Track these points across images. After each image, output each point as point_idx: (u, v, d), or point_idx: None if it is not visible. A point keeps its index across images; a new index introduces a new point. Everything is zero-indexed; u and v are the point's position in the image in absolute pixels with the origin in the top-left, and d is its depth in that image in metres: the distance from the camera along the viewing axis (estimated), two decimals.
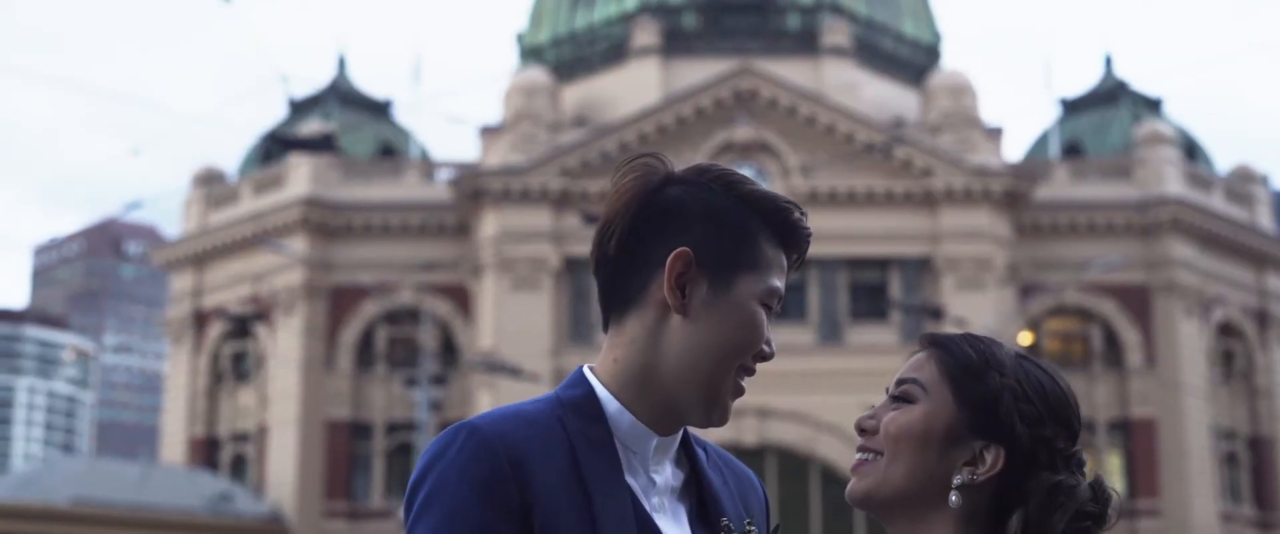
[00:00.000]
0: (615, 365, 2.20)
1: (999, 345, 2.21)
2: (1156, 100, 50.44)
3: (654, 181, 2.20)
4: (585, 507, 2.10)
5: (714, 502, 2.25)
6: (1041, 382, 2.17)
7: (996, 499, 2.13)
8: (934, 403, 2.16)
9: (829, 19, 46.89)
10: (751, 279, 2.18)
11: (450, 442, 2.11)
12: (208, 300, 46.35)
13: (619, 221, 2.19)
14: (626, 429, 2.18)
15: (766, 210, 2.21)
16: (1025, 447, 2.13)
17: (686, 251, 2.15)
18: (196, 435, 45.77)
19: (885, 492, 2.16)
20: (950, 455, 2.14)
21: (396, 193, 44.56)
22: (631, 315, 2.19)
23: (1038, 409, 2.14)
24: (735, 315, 2.17)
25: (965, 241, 41.51)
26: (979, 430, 2.13)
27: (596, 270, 2.23)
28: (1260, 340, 46.37)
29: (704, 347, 2.15)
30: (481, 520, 2.05)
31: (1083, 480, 2.16)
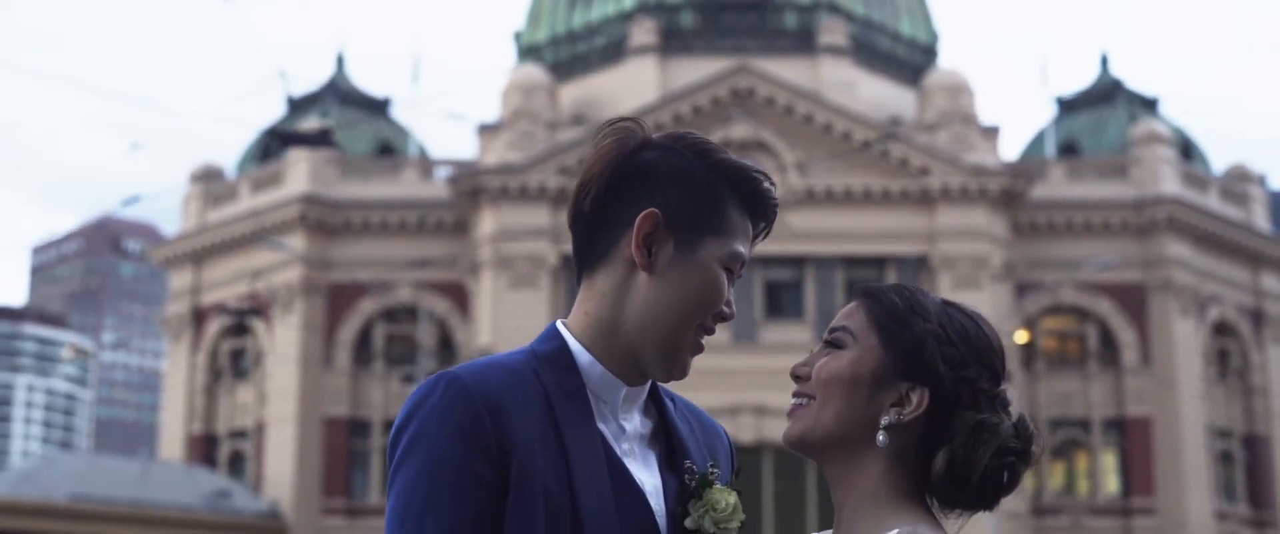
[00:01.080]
0: (586, 318, 2.32)
1: (925, 294, 2.32)
2: (1152, 100, 50.54)
3: (631, 145, 2.32)
4: (560, 451, 2.21)
5: (681, 448, 2.37)
6: (965, 327, 2.29)
7: (924, 439, 2.24)
8: (862, 348, 2.27)
9: (826, 18, 46.98)
10: (716, 243, 2.29)
11: (431, 390, 2.22)
12: (206, 298, 46.46)
13: (595, 181, 2.31)
14: (597, 379, 2.30)
15: (736, 178, 2.32)
16: (949, 387, 2.23)
17: (655, 212, 2.26)
18: (195, 432, 45.87)
19: (818, 434, 2.27)
20: (878, 397, 2.24)
21: (395, 191, 44.66)
22: (602, 271, 2.31)
23: (961, 352, 2.25)
24: (698, 276, 2.28)
25: (962, 240, 41.61)
26: (905, 373, 2.24)
27: (572, 226, 2.36)
28: (1255, 339, 46.48)
29: (666, 304, 2.27)
30: (462, 463, 2.16)
31: (1006, 419, 2.26)
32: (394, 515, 2.20)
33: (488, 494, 2.17)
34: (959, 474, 2.23)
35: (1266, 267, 47.54)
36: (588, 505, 2.20)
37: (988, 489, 2.27)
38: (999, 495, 2.30)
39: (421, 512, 2.17)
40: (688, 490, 2.34)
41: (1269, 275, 47.59)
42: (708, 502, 2.32)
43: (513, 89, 44.31)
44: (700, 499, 2.33)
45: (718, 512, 2.31)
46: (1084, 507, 43.24)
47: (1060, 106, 50.92)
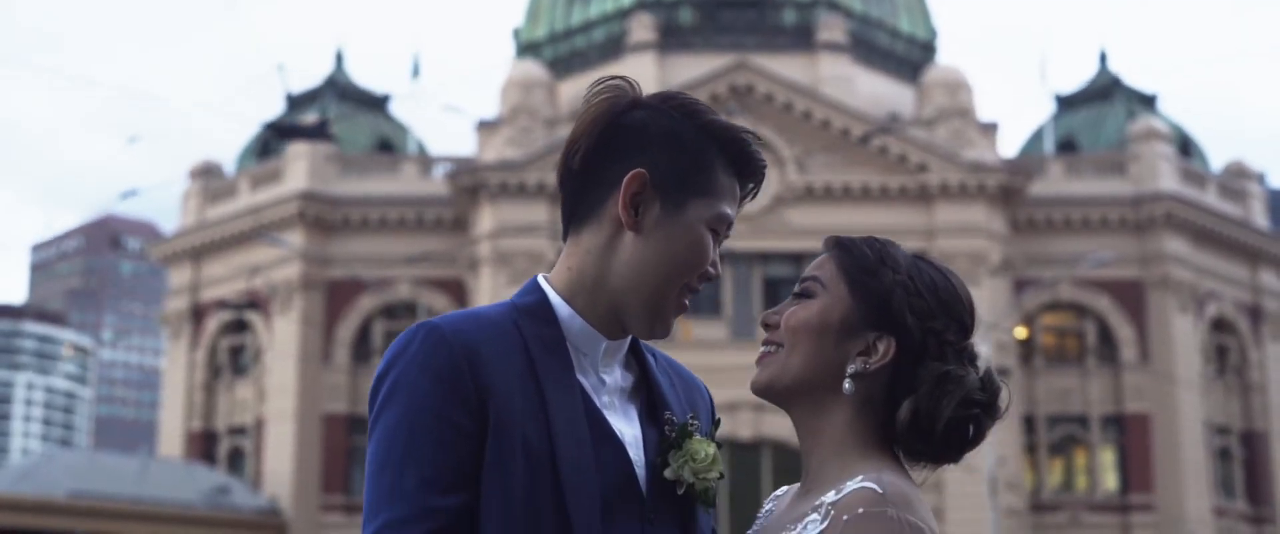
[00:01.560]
0: (569, 274, 2.35)
1: (896, 246, 2.36)
2: (1151, 96, 50.55)
3: (621, 104, 2.34)
4: (539, 401, 2.24)
5: (661, 401, 2.40)
6: (934, 279, 2.32)
7: (890, 389, 2.27)
8: (831, 297, 2.31)
9: (825, 15, 47.01)
10: (702, 204, 2.32)
11: (411, 339, 2.26)
12: (205, 294, 46.49)
13: (584, 139, 2.33)
14: (577, 332, 2.33)
15: (724, 139, 2.35)
16: (915, 338, 2.27)
17: (642, 173, 2.29)
18: (194, 429, 45.89)
19: (785, 380, 2.31)
20: (845, 346, 2.28)
21: (394, 187, 44.67)
22: (588, 228, 2.35)
23: (929, 303, 2.29)
24: (684, 237, 2.30)
25: (960, 236, 41.63)
26: (872, 322, 2.28)
27: (561, 184, 2.38)
28: (1254, 336, 46.51)
29: (651, 263, 2.30)
30: (441, 411, 2.19)
31: (972, 372, 2.29)
32: (374, 463, 2.23)
33: (467, 442, 2.20)
34: (923, 424, 2.26)
35: (1265, 264, 47.57)
36: (566, 454, 2.23)
37: (952, 441, 2.29)
38: (963, 449, 2.32)
39: (401, 459, 2.20)
40: (668, 441, 2.36)
41: (1267, 272, 47.62)
42: (687, 452, 2.34)
43: (511, 86, 44.33)
44: (680, 450, 2.35)
45: (697, 462, 2.34)
46: (1082, 503, 43.29)
47: (1059, 103, 50.95)
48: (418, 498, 2.18)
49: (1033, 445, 43.47)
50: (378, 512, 2.20)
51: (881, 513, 2.11)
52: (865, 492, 2.14)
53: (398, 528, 2.18)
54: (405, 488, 2.19)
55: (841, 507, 2.14)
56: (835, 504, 2.16)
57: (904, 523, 2.11)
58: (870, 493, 2.14)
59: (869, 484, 2.15)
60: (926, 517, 2.17)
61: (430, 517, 2.18)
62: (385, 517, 2.19)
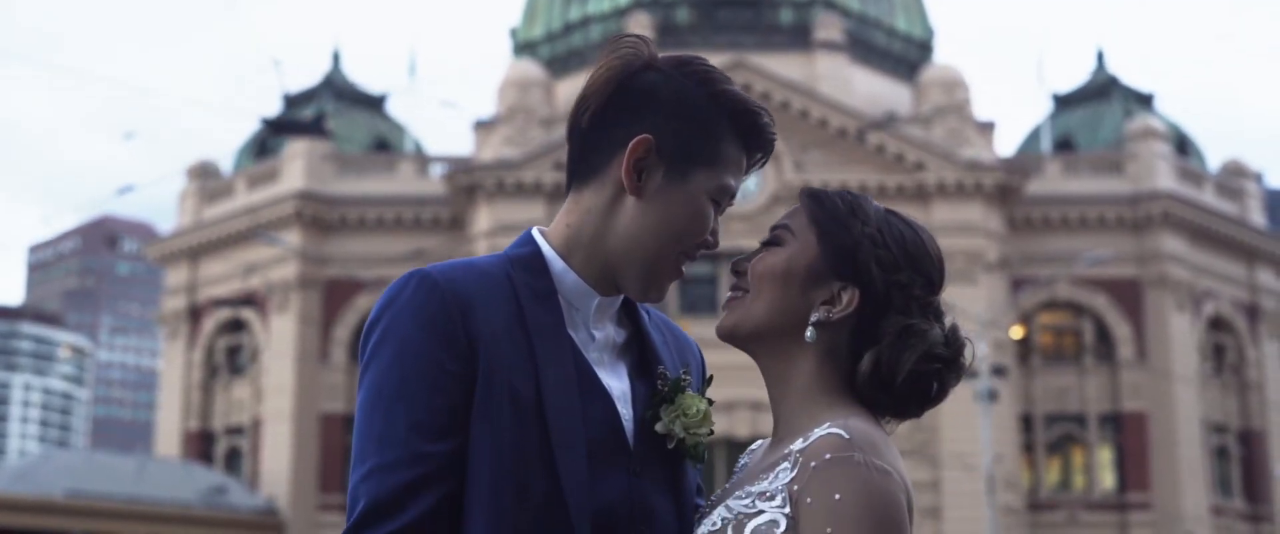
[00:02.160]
0: (567, 230, 2.34)
1: (869, 200, 2.35)
2: (1148, 95, 50.58)
3: (635, 65, 2.32)
4: (528, 351, 2.24)
5: (654, 356, 2.40)
6: (903, 233, 2.32)
7: (855, 339, 2.27)
8: (799, 245, 2.30)
9: (822, 14, 47.02)
10: (706, 174, 2.30)
11: (403, 287, 2.25)
12: (202, 294, 46.48)
13: (594, 98, 2.31)
14: (569, 286, 2.32)
15: (736, 111, 2.32)
16: (880, 290, 2.26)
17: (648, 139, 2.27)
18: (191, 429, 45.89)
19: (748, 325, 2.31)
20: (810, 294, 2.27)
21: (390, 187, 44.67)
22: (591, 187, 2.33)
23: (896, 256, 2.28)
24: (685, 206, 2.29)
25: (957, 235, 41.59)
26: (838, 272, 2.27)
27: (569, 138, 2.36)
28: (1251, 334, 46.52)
29: (650, 230, 2.29)
30: (430, 355, 2.19)
31: (936, 327, 2.29)
32: (365, 406, 2.24)
33: (457, 386, 2.20)
34: (884, 376, 2.26)
35: (1262, 262, 47.59)
36: (554, 404, 2.22)
37: (914, 395, 2.29)
38: (925, 404, 2.31)
39: (391, 402, 2.20)
40: (660, 395, 2.36)
41: (1264, 271, 47.65)
42: (680, 406, 2.35)
43: (508, 85, 44.33)
44: (672, 404, 2.35)
45: (689, 416, 2.34)
46: (1080, 502, 43.31)
47: (1056, 102, 50.97)
48: (407, 443, 2.18)
49: (1030, 444, 43.49)
50: (367, 456, 2.20)
51: (848, 457, 2.11)
52: (832, 437, 2.14)
53: (386, 472, 2.17)
54: (395, 433, 2.19)
55: (809, 453, 2.14)
56: (803, 451, 2.15)
57: (871, 466, 2.11)
58: (837, 438, 2.13)
59: (835, 430, 2.15)
60: (893, 460, 2.16)
61: (419, 462, 2.17)
62: (374, 461, 2.19)
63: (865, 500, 2.08)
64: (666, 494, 2.35)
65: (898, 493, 2.12)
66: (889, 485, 2.11)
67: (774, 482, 2.18)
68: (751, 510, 2.17)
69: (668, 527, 2.30)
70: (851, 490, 2.09)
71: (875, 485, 2.09)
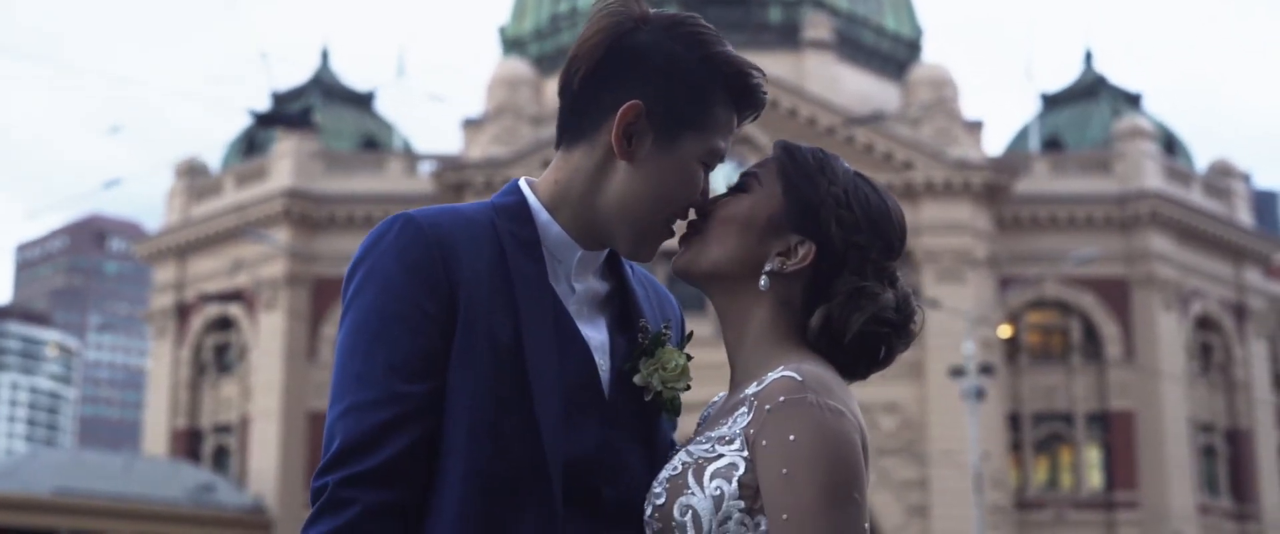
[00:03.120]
0: (555, 186, 2.35)
1: (840, 161, 2.37)
2: (1136, 95, 50.70)
3: (626, 25, 2.32)
4: (509, 297, 2.25)
5: (635, 309, 2.42)
6: (868, 197, 2.34)
7: (809, 293, 2.30)
8: (764, 194, 2.32)
9: (810, 12, 47.09)
10: (696, 138, 2.30)
11: (387, 230, 2.28)
12: (190, 292, 46.43)
13: (585, 61, 2.31)
14: (553, 238, 2.33)
15: (728, 73, 2.33)
16: (837, 248, 2.29)
17: (638, 104, 2.27)
18: (179, 427, 45.84)
19: (701, 265, 2.33)
20: (767, 243, 2.30)
21: (379, 185, 44.63)
22: (581, 147, 2.33)
23: (857, 217, 2.30)
24: (675, 171, 2.30)
25: (945, 234, 41.69)
26: (797, 226, 2.29)
27: (560, 95, 2.36)
28: (1238, 334, 46.63)
29: (640, 194, 2.30)
30: (411, 298, 2.21)
31: (889, 292, 2.31)
32: (344, 346, 2.25)
33: (436, 329, 2.21)
34: (834, 334, 2.28)
35: (1249, 262, 47.70)
36: (533, 350, 2.24)
37: (862, 356, 2.32)
38: (872, 367, 2.34)
39: (370, 344, 2.21)
40: (640, 348, 2.38)
41: (1251, 270, 47.76)
42: (659, 359, 2.36)
43: (497, 83, 44.34)
44: (651, 357, 2.37)
45: (667, 370, 2.36)
46: (1067, 500, 43.38)
47: (1044, 102, 51.06)
48: (385, 383, 2.19)
49: (1018, 443, 43.56)
50: (344, 394, 2.22)
51: (801, 399, 2.13)
52: (785, 380, 2.16)
53: (363, 411, 2.19)
54: (372, 373, 2.20)
55: (763, 396, 2.17)
56: (757, 395, 2.18)
57: (824, 407, 2.13)
58: (790, 381, 2.16)
59: (788, 373, 2.18)
60: (846, 399, 2.19)
61: (396, 401, 2.19)
62: (351, 399, 2.20)
63: (819, 440, 2.11)
64: (640, 445, 2.36)
65: (851, 431, 2.14)
66: (842, 424, 2.13)
67: (732, 426, 2.20)
68: (711, 455, 2.19)
69: (640, 476, 2.31)
70: (805, 431, 2.11)
71: (828, 425, 2.12)
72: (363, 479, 2.17)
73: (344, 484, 2.17)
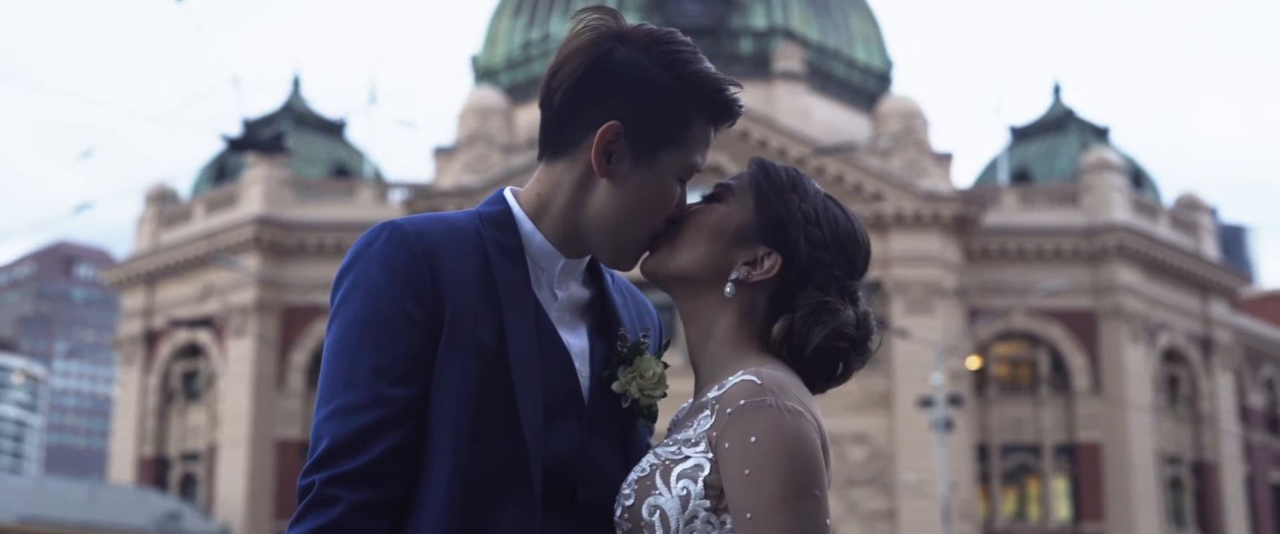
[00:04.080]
0: (537, 199, 2.42)
1: (812, 181, 2.47)
2: (1104, 129, 51.01)
3: (606, 42, 2.38)
4: (493, 303, 2.32)
5: (615, 318, 2.50)
6: (837, 217, 2.43)
7: (773, 305, 2.38)
8: (736, 205, 2.41)
9: (782, 44, 47.32)
10: (673, 155, 2.37)
11: (375, 237, 2.34)
12: (159, 319, 46.23)
13: (566, 80, 2.37)
14: (536, 247, 2.41)
15: (707, 91, 2.39)
16: (803, 262, 2.37)
17: (617, 125, 2.33)
18: (146, 455, 45.60)
19: (670, 268, 2.41)
20: (735, 252, 2.38)
21: (349, 212, 44.55)
22: (562, 161, 2.40)
23: (824, 235, 2.39)
24: (653, 186, 2.37)
25: (915, 265, 41.85)
26: (766, 238, 2.38)
27: (541, 107, 2.43)
28: (1204, 366, 46.87)
29: (620, 209, 2.37)
30: (397, 303, 2.27)
31: (850, 309, 2.40)
32: (332, 349, 2.31)
33: (422, 334, 2.28)
34: (795, 346, 2.36)
35: (1215, 295, 48.00)
36: (516, 354, 2.31)
37: (821, 369, 2.39)
38: (829, 382, 2.42)
39: (357, 348, 2.28)
40: (619, 356, 2.45)
41: (1217, 304, 48.05)
42: (637, 368, 2.44)
43: (469, 112, 44.39)
44: (630, 366, 2.44)
45: (645, 378, 2.44)
46: (1035, 531, 43.50)
47: (1013, 134, 51.36)
48: (371, 385, 2.25)
49: (986, 474, 43.67)
50: (332, 396, 2.28)
51: (761, 401, 2.21)
52: (745, 384, 2.24)
53: (350, 412, 2.25)
54: (359, 375, 2.26)
55: (725, 400, 2.25)
56: (719, 398, 2.26)
57: (783, 408, 2.21)
58: (750, 384, 2.24)
59: (749, 376, 2.25)
60: (806, 401, 2.27)
61: (382, 404, 2.25)
62: (339, 401, 2.27)
63: (778, 441, 2.19)
64: (616, 449, 2.43)
65: (809, 431, 2.22)
66: (801, 425, 2.21)
67: (696, 429, 2.29)
68: (678, 457, 2.27)
69: (615, 479, 2.37)
70: (765, 432, 2.19)
71: (787, 426, 2.20)
72: (349, 478, 2.24)
73: (330, 483, 2.25)
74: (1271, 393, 52.61)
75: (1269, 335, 53.47)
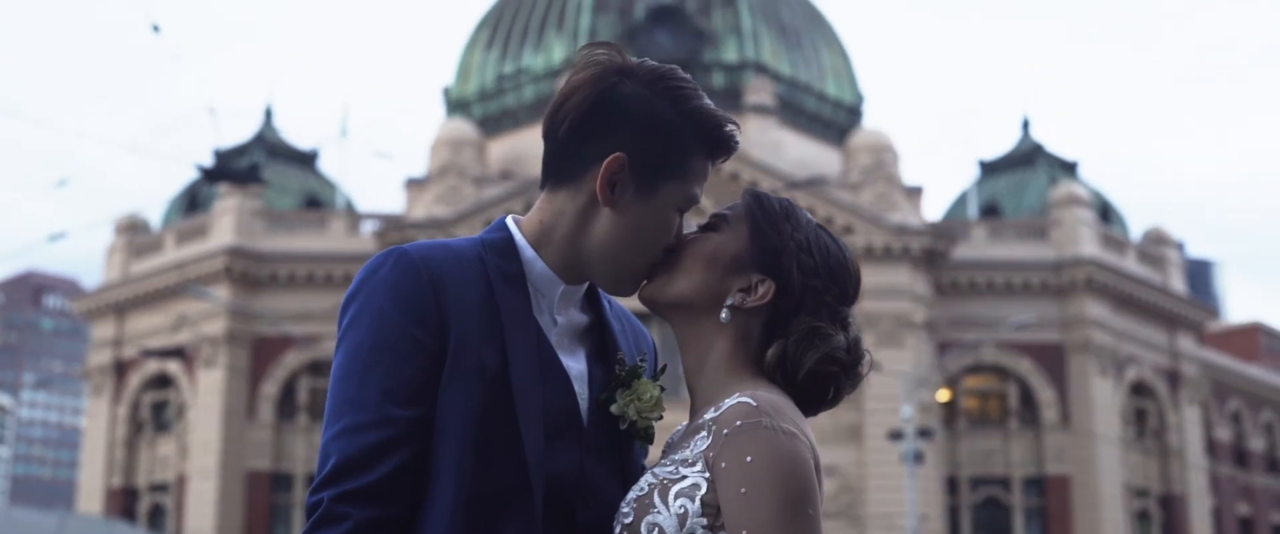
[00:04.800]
0: (540, 226, 2.52)
1: (804, 211, 2.57)
2: (1073, 163, 51.32)
3: (611, 77, 2.48)
4: (496, 328, 2.42)
5: (613, 343, 2.60)
6: (828, 246, 2.54)
7: (767, 330, 2.48)
8: (732, 234, 2.51)
9: (753, 78, 47.54)
10: (674, 186, 2.48)
11: (381, 263, 2.43)
12: (128, 350, 46.04)
13: (572, 112, 2.48)
14: (538, 274, 2.51)
15: (706, 127, 2.51)
16: (796, 289, 2.47)
17: (621, 157, 2.44)
18: (114, 486, 45.36)
19: (668, 294, 2.51)
20: (730, 279, 2.48)
21: (321, 244, 44.53)
22: (565, 190, 2.50)
23: (816, 263, 2.49)
24: (654, 216, 2.48)
25: (885, 298, 41.96)
26: (760, 266, 2.48)
27: (545, 139, 2.54)
28: (1172, 400, 47.12)
29: (622, 238, 2.47)
30: (403, 327, 2.37)
31: (841, 334, 2.50)
32: (339, 372, 2.40)
33: (427, 357, 2.37)
34: (788, 370, 2.46)
35: (1182, 329, 48.28)
36: (519, 377, 2.41)
37: (814, 393, 2.49)
38: (821, 405, 2.52)
39: (364, 370, 2.37)
40: (617, 379, 2.55)
41: (1185, 337, 48.33)
42: (635, 391, 2.54)
43: (441, 144, 44.43)
44: (628, 389, 2.54)
45: (642, 401, 2.53)
46: None
47: (982, 169, 51.62)
48: (378, 406, 2.35)
49: (955, 507, 43.76)
50: (340, 417, 2.37)
51: (757, 422, 2.31)
52: (741, 406, 2.34)
53: (357, 432, 2.35)
54: (366, 397, 2.36)
55: (721, 421, 2.35)
56: (716, 420, 2.36)
57: (778, 430, 2.31)
58: (745, 406, 2.34)
59: (744, 399, 2.35)
60: (799, 422, 2.37)
61: (389, 424, 2.35)
62: (347, 421, 2.36)
63: (773, 460, 2.28)
64: (614, 470, 2.53)
65: (803, 451, 2.32)
66: (794, 445, 2.31)
67: (693, 449, 2.38)
68: (675, 476, 2.36)
69: (612, 499, 2.47)
70: (760, 452, 2.29)
71: (781, 446, 2.30)
72: (356, 496, 2.32)
73: (338, 500, 2.33)
74: (1238, 426, 52.97)
75: (1235, 369, 53.86)
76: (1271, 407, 54.95)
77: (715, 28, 48.89)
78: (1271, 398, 55.07)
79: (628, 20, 48.86)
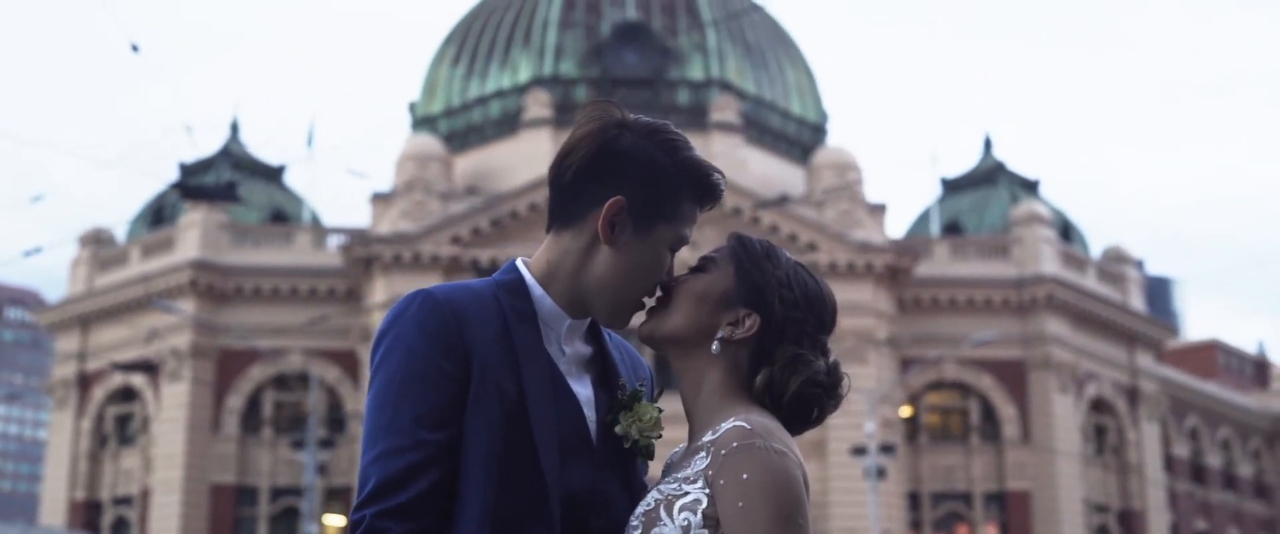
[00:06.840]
0: (547, 265, 2.84)
1: (784, 252, 2.89)
2: (1034, 182, 51.79)
3: (611, 130, 2.82)
4: (512, 359, 2.73)
5: (614, 370, 2.92)
6: (806, 281, 2.85)
7: (754, 359, 2.79)
8: (719, 274, 2.83)
9: (718, 96, 47.82)
10: (667, 227, 2.81)
11: (409, 304, 2.74)
12: (93, 363, 45.97)
13: (577, 163, 2.81)
14: (547, 310, 2.82)
15: (697, 175, 2.84)
16: (778, 321, 2.78)
17: (621, 200, 2.77)
18: (77, 499, 45.24)
19: (664, 330, 2.83)
20: (719, 314, 2.79)
21: (287, 258, 44.60)
22: (569, 232, 2.83)
23: (796, 296, 2.81)
24: (649, 255, 2.80)
25: (848, 315, 42.15)
26: (746, 301, 2.79)
27: (550, 185, 2.87)
28: (1131, 416, 47.59)
29: (620, 274, 2.79)
30: (431, 360, 2.67)
31: (821, 360, 2.82)
32: (375, 403, 2.70)
33: (454, 385, 2.68)
34: (775, 394, 2.77)
35: (1141, 346, 48.77)
36: (533, 401, 2.71)
37: (798, 414, 2.79)
38: (805, 425, 2.83)
39: (398, 398, 2.67)
40: (620, 402, 2.86)
41: (1144, 355, 48.83)
42: (636, 413, 2.85)
43: (407, 159, 44.53)
44: (630, 411, 2.85)
45: (644, 422, 2.85)
46: None
47: (945, 186, 52.02)
48: (411, 432, 2.65)
49: (917, 522, 44.08)
50: (376, 441, 2.68)
51: (751, 444, 2.61)
52: (736, 428, 2.65)
53: (393, 456, 2.65)
54: (400, 423, 2.66)
55: (719, 442, 2.65)
56: (714, 442, 2.66)
57: (770, 449, 2.61)
58: (741, 429, 2.64)
59: (739, 422, 2.66)
60: (787, 441, 2.68)
61: (421, 447, 2.65)
62: (383, 446, 2.66)
63: (767, 477, 2.58)
64: (622, 485, 2.84)
65: (794, 469, 2.62)
66: (785, 463, 2.61)
67: (694, 468, 2.67)
68: (679, 492, 2.65)
69: (621, 511, 2.78)
70: (755, 470, 2.59)
71: (774, 464, 2.60)
72: (395, 512, 2.62)
73: (381, 517, 2.62)
74: (1196, 443, 53.53)
75: (1194, 386, 54.44)
76: (1229, 423, 55.55)
77: (681, 46, 49.19)
78: (1229, 415, 55.68)
79: (594, 38, 49.12)
